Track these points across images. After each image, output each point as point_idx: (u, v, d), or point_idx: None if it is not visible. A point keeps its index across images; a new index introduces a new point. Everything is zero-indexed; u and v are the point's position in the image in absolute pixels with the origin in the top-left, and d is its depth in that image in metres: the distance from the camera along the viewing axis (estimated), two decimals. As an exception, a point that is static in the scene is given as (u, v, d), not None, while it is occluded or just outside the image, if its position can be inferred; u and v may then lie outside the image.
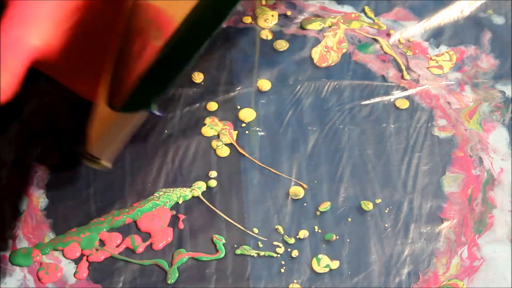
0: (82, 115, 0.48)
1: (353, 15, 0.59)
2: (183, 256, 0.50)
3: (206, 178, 0.53)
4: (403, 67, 0.57)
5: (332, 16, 0.59)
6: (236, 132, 0.54)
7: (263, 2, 0.60)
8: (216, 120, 0.55)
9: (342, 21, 0.59)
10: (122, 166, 0.53)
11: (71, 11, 0.44)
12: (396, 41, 0.58)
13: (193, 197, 0.52)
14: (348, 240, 0.50)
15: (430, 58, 0.58)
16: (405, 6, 0.60)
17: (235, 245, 0.50)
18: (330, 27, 0.59)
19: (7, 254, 0.50)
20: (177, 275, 0.49)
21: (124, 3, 0.42)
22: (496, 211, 0.51)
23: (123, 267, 0.50)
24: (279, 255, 0.50)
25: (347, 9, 0.60)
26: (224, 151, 0.54)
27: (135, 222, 0.51)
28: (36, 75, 0.47)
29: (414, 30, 0.59)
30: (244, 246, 0.50)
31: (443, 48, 0.58)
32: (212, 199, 0.52)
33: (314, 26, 0.59)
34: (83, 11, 0.44)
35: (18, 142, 0.54)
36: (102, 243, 0.50)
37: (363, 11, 0.60)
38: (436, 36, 0.59)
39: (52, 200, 0.52)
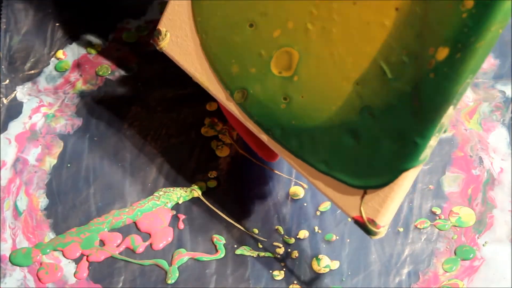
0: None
1: None
2: (183, 256, 0.50)
3: (206, 178, 0.53)
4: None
5: None
6: (236, 132, 0.54)
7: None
8: (216, 120, 0.55)
9: None
10: (122, 166, 0.53)
11: None
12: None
13: (193, 197, 0.52)
14: (348, 240, 0.50)
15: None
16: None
17: (235, 245, 0.50)
18: None
19: (7, 254, 0.50)
20: (177, 275, 0.49)
21: None
22: (496, 211, 0.51)
23: (123, 267, 0.50)
24: (279, 256, 0.50)
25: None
26: (224, 151, 0.54)
27: (135, 222, 0.51)
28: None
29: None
30: (244, 246, 0.50)
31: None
32: (212, 199, 0.52)
33: None
34: None
35: None
36: (102, 243, 0.50)
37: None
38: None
39: (52, 200, 0.52)
